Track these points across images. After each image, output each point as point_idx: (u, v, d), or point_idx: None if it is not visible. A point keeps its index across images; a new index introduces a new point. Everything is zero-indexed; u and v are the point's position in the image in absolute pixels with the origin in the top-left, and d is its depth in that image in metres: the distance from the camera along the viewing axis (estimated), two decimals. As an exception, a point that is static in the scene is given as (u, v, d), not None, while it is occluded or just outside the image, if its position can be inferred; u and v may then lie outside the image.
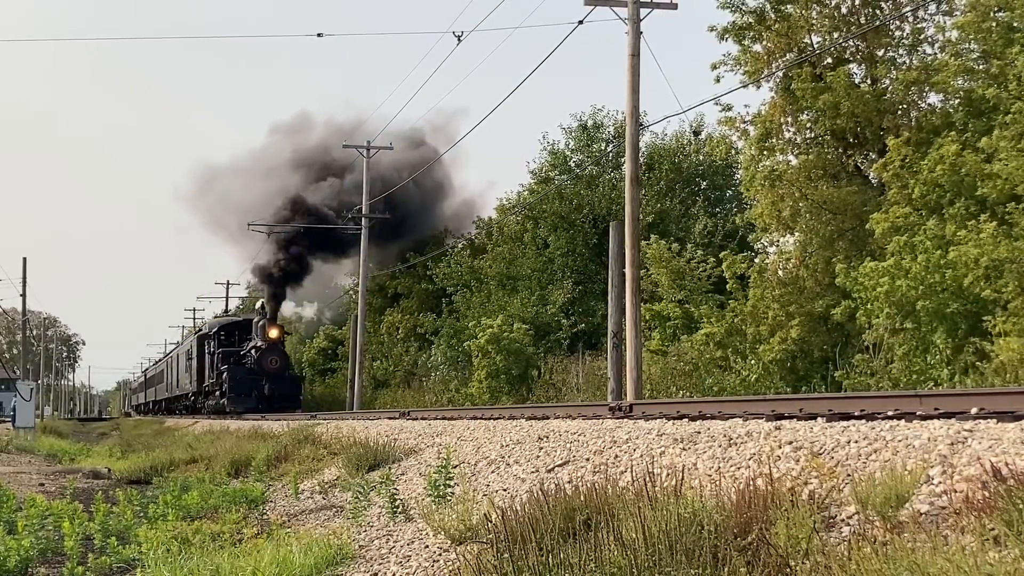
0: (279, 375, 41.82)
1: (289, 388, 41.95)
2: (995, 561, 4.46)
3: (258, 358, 42.02)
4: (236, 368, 42.68)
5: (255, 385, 41.35)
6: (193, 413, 53.44)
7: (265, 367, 41.56)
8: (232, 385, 42.28)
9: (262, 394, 40.95)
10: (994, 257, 16.16)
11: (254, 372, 41.73)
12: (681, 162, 34.37)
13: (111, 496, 13.92)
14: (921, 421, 6.98)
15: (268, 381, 41.09)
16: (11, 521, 10.68)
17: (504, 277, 35.07)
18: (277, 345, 42.51)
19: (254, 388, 41.26)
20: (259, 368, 41.67)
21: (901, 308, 17.20)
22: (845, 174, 22.02)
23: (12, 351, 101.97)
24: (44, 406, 78.43)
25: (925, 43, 21.30)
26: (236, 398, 41.74)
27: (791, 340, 20.87)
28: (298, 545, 8.56)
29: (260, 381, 41.22)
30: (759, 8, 21.82)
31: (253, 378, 41.48)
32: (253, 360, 42.31)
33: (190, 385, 54.55)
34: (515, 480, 9.60)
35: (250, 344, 43.97)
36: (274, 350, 42.03)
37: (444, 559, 7.69)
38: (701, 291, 26.00)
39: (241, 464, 18.06)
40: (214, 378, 46.78)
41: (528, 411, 14.45)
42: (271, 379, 41.24)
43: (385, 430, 16.59)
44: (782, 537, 5.31)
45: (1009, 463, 5.34)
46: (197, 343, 52.63)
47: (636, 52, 19.94)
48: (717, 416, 9.39)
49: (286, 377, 42.45)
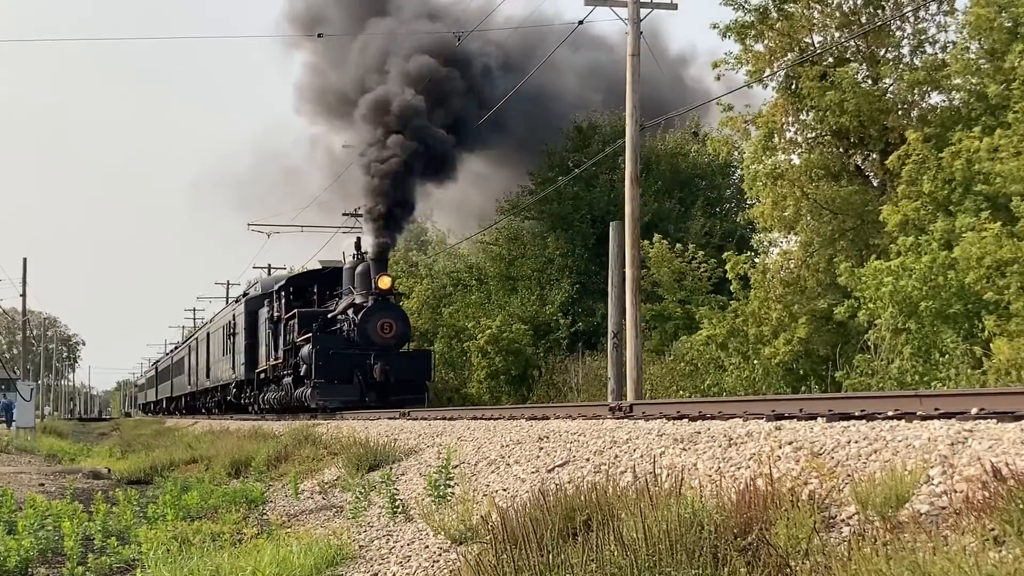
0: (396, 348, 27.66)
1: (412, 369, 27.72)
2: (995, 561, 4.46)
3: (361, 323, 27.06)
4: (324, 338, 27.73)
5: (357, 365, 26.92)
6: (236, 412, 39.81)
7: (373, 336, 26.95)
8: (321, 367, 27.08)
9: (369, 379, 26.84)
10: (997, 258, 16.17)
11: (355, 344, 27.16)
12: (680, 163, 34.39)
13: (111, 496, 13.93)
14: (921, 421, 6.98)
15: (380, 358, 26.76)
16: (11, 521, 10.68)
17: (504, 277, 35.07)
18: (391, 302, 27.95)
19: (355, 370, 26.88)
20: (363, 338, 27.04)
21: (904, 308, 17.20)
22: (846, 174, 22.03)
23: (12, 351, 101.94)
24: (44, 406, 78.49)
25: (927, 43, 21.31)
26: (327, 387, 27.05)
27: (797, 340, 20.86)
28: (298, 545, 8.57)
29: (365, 359, 26.81)
30: (762, 6, 21.82)
31: (354, 354, 26.94)
32: (352, 326, 27.44)
33: (232, 372, 39.42)
34: (515, 480, 9.60)
35: (342, 303, 29.06)
36: (388, 309, 27.41)
37: (444, 559, 7.69)
38: (702, 291, 26.01)
39: (241, 464, 18.07)
40: (281, 357, 31.69)
41: (528, 411, 14.46)
42: (384, 355, 26.91)
43: (385, 430, 16.59)
44: (782, 537, 5.31)
45: (1009, 463, 5.34)
46: (246, 311, 36.94)
47: (636, 52, 20.00)
48: (717, 416, 9.39)
49: (407, 353, 28.42)
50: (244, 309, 37.46)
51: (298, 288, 32.44)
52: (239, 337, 37.88)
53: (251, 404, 36.77)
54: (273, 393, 32.99)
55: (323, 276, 32.49)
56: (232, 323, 39.79)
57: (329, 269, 32.77)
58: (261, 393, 35.15)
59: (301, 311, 30.09)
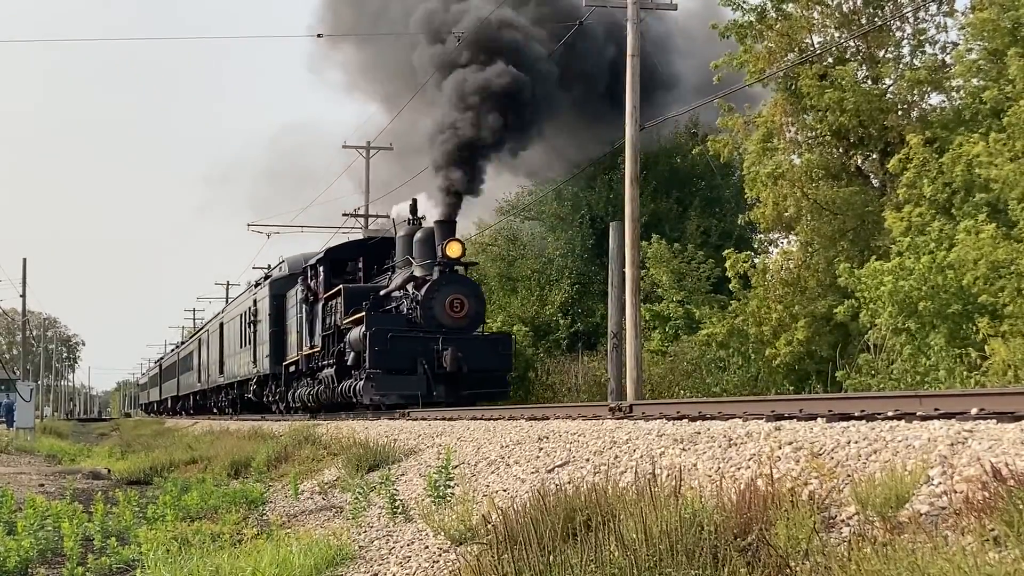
0: (469, 331, 22.14)
1: (491, 355, 22.16)
2: (995, 562, 4.46)
3: (425, 300, 21.66)
4: (380, 318, 22.17)
5: (423, 351, 21.33)
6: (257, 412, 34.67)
7: (441, 316, 21.63)
8: (377, 353, 21.36)
9: (436, 368, 21.33)
10: (992, 260, 16.17)
11: (418, 327, 21.73)
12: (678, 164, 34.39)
13: (111, 497, 13.93)
14: (921, 422, 6.98)
15: (450, 343, 21.34)
16: (11, 522, 10.68)
17: (504, 278, 35.07)
18: (462, 274, 22.44)
19: (419, 358, 21.26)
20: (428, 319, 21.64)
21: (904, 308, 17.21)
22: (846, 174, 22.04)
23: (12, 351, 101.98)
24: (44, 407, 78.48)
25: (927, 43, 21.33)
26: (385, 378, 21.39)
27: (798, 342, 20.88)
28: (298, 546, 8.56)
29: (432, 344, 21.37)
30: (760, 6, 21.83)
31: (419, 338, 21.50)
32: (413, 304, 22.03)
33: (253, 366, 34.48)
34: (515, 480, 9.60)
35: (397, 277, 23.63)
36: (459, 283, 22.10)
37: (444, 560, 7.69)
38: (702, 291, 26.03)
39: (241, 465, 18.06)
40: (319, 345, 26.34)
41: (528, 411, 14.46)
42: (455, 339, 21.53)
43: (385, 430, 16.59)
44: (782, 537, 5.31)
45: (1009, 463, 5.34)
46: (271, 294, 31.98)
47: (636, 52, 20.02)
48: (717, 417, 9.39)
49: (483, 336, 22.98)
50: (269, 292, 32.26)
51: (338, 262, 26.94)
52: (262, 325, 33.02)
53: (276, 402, 31.54)
54: (307, 388, 27.82)
55: (370, 247, 26.88)
56: (253, 309, 34.47)
57: (377, 238, 27.31)
58: (291, 389, 30.00)
59: (348, 287, 24.75)
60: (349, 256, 27.23)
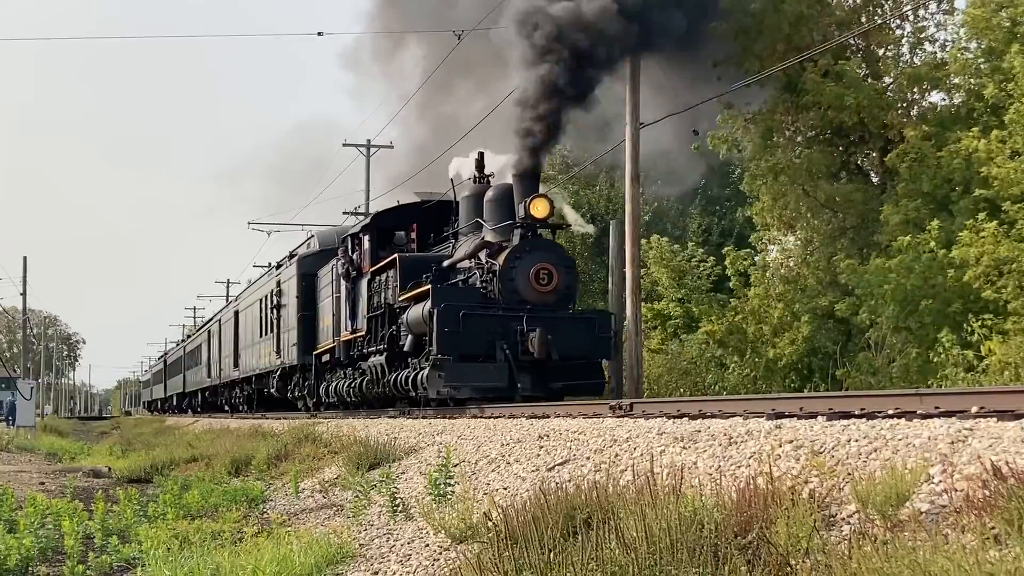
0: (558, 309, 17.86)
1: (587, 340, 17.85)
2: (995, 560, 4.46)
3: (504, 270, 17.51)
4: (447, 292, 18.17)
5: (501, 333, 17.22)
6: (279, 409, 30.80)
7: (524, 291, 17.48)
8: (447, 335, 17.20)
9: (521, 357, 17.11)
10: (994, 257, 16.18)
11: (495, 303, 17.63)
12: None
13: (111, 495, 13.92)
14: (921, 420, 6.99)
15: (536, 323, 17.10)
16: (12, 520, 10.68)
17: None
18: (544, 238, 18.13)
19: (499, 341, 17.13)
20: (508, 294, 17.51)
21: (905, 306, 17.22)
22: (846, 172, 22.04)
23: (12, 350, 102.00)
24: (44, 405, 78.50)
25: (927, 41, 21.33)
26: (456, 367, 17.31)
27: (801, 339, 20.87)
28: (298, 544, 8.56)
29: (513, 324, 17.19)
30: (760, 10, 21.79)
31: (498, 316, 17.37)
32: (487, 276, 17.94)
33: (276, 357, 30.21)
34: (515, 479, 9.60)
35: (463, 245, 19.48)
36: (546, 249, 17.97)
37: (444, 558, 7.70)
38: (702, 290, 26.04)
39: (241, 463, 18.06)
40: (364, 328, 22.16)
41: (528, 410, 14.45)
42: (542, 318, 17.22)
43: (385, 429, 16.59)
44: (782, 536, 5.31)
45: (1009, 462, 5.34)
46: (299, 273, 27.84)
47: (636, 51, 19.90)
48: (717, 415, 9.40)
49: (577, 315, 18.67)
50: (296, 271, 27.84)
51: (385, 231, 22.41)
52: (287, 310, 28.55)
53: (304, 397, 27.69)
54: (346, 380, 23.81)
55: (424, 211, 22.17)
56: (277, 291, 29.97)
57: (433, 201, 22.33)
58: (324, 382, 26.02)
59: (403, 256, 20.30)
60: (399, 223, 22.57)
